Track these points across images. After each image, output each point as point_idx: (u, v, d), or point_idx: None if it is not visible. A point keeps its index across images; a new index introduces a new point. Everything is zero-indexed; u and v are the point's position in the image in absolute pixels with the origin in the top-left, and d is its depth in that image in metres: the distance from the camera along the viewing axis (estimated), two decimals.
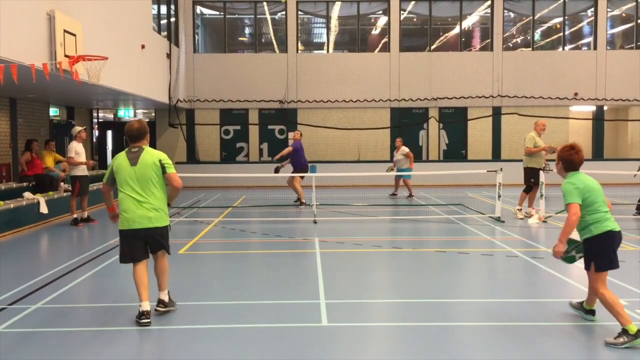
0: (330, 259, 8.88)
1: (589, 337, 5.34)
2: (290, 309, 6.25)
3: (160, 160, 5.76)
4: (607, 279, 5.30)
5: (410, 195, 17.34)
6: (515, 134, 22.50)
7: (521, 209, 12.85)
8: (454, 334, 5.49)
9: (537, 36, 24.71)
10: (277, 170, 15.53)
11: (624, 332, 4.94)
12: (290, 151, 15.29)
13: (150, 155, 5.76)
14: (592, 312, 5.62)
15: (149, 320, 5.59)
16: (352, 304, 6.48)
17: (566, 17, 23.69)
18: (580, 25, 24.71)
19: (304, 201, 15.03)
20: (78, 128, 12.74)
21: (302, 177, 15.20)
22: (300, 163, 15.26)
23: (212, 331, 5.54)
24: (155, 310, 5.84)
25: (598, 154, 23.32)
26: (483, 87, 22.88)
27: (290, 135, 22.64)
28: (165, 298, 5.95)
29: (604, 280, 5.21)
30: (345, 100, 22.86)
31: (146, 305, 5.63)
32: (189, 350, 5.06)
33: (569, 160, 5.31)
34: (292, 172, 15.24)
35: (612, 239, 5.17)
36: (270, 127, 23.28)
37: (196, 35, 23.43)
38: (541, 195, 12.39)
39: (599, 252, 5.18)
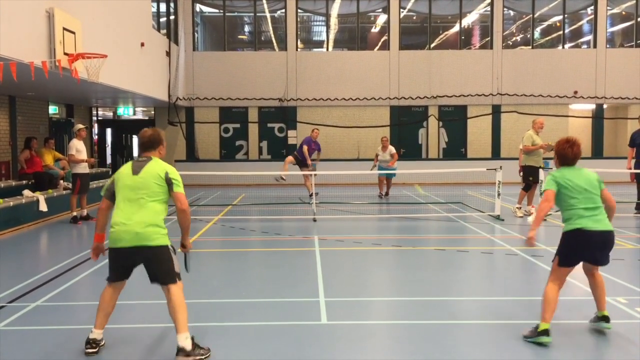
0: (330, 257, 8.88)
1: (587, 336, 5.34)
2: (289, 307, 6.25)
3: (167, 173, 4.86)
4: (607, 275, 5.30)
5: (384, 195, 16.70)
6: (515, 132, 22.48)
7: (520, 207, 12.86)
8: (453, 332, 5.49)
9: (536, 34, 24.70)
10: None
11: (535, 327, 5.09)
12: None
13: (158, 166, 4.91)
14: (605, 319, 5.33)
15: (94, 350, 4.86)
16: (352, 302, 6.49)
17: (566, 15, 23.68)
18: (580, 23, 24.69)
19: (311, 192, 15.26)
20: (80, 125, 12.75)
21: (309, 172, 15.37)
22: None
23: (211, 329, 5.54)
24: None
25: (597, 152, 23.32)
26: (483, 85, 22.88)
27: (294, 133, 22.71)
28: (187, 345, 4.69)
29: (560, 276, 5.18)
30: (344, 99, 22.86)
31: (97, 334, 4.92)
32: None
33: (562, 154, 5.25)
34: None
35: (579, 237, 5.05)
36: (269, 125, 23.27)
37: (196, 33, 23.41)
38: (540, 194, 12.38)
39: (563, 248, 5.16)
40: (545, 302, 5.10)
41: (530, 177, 12.59)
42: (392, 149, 16.50)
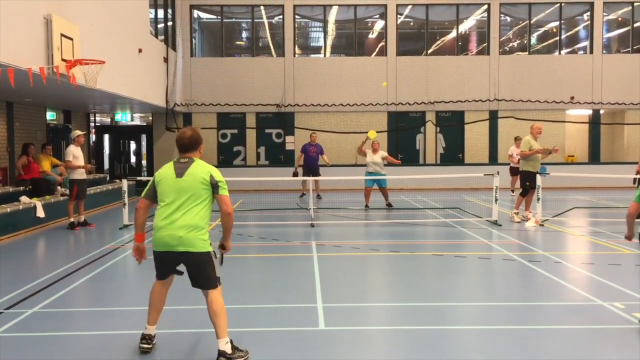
0: (328, 262, 8.88)
1: (586, 340, 5.34)
2: (287, 313, 6.25)
3: (211, 176, 4.80)
4: (603, 280, 5.28)
5: (385, 205, 15.45)
6: (512, 138, 22.51)
7: (518, 213, 12.88)
8: (451, 338, 5.49)
9: (533, 40, 24.80)
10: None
11: None
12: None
13: (202, 168, 4.84)
14: None
15: (149, 346, 5.02)
16: (350, 307, 6.49)
17: (562, 21, 23.77)
18: (576, 29, 24.79)
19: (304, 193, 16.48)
20: (77, 132, 12.74)
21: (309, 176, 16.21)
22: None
23: (209, 335, 5.52)
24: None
25: (594, 158, 23.38)
26: (480, 91, 22.93)
27: (292, 139, 22.73)
28: (227, 349, 4.76)
29: None
30: (342, 104, 22.89)
31: (151, 330, 5.08)
32: (186, 354, 5.04)
33: None
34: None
35: None
36: (267, 130, 23.28)
37: (193, 39, 23.45)
38: (538, 199, 12.41)
39: None
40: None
41: (527, 182, 12.61)
42: (383, 152, 15.47)
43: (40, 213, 12.41)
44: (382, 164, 15.17)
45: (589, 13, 23.34)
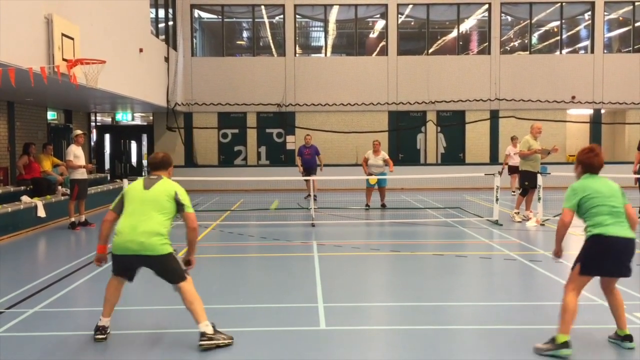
0: (328, 262, 8.88)
1: (586, 341, 5.33)
2: (288, 313, 6.25)
3: (176, 193, 5.22)
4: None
5: (381, 206, 15.47)
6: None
7: (518, 212, 12.87)
8: (452, 338, 5.49)
9: (534, 40, 24.77)
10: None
11: (552, 340, 4.89)
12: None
13: (169, 185, 5.27)
14: (628, 338, 5.07)
15: (103, 336, 5.24)
16: (350, 307, 6.48)
17: (563, 21, 23.75)
18: (577, 28, 24.77)
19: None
20: (77, 131, 12.76)
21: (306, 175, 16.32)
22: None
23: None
24: (199, 345, 5.08)
25: None
26: (481, 90, 22.91)
27: (292, 139, 22.71)
28: (208, 330, 5.10)
29: (579, 284, 4.99)
30: (343, 104, 22.88)
31: (105, 322, 5.31)
32: (187, 353, 5.04)
33: (588, 163, 5.08)
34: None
35: (603, 243, 4.88)
36: (268, 130, 23.28)
37: (194, 39, 23.45)
38: (539, 199, 12.40)
39: (586, 255, 4.97)
40: (566, 312, 4.88)
41: (526, 182, 12.60)
42: (384, 154, 15.53)
43: (41, 213, 12.41)
44: (383, 165, 15.22)
45: (590, 12, 23.32)
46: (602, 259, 4.91)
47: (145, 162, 24.82)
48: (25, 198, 12.52)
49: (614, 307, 5.14)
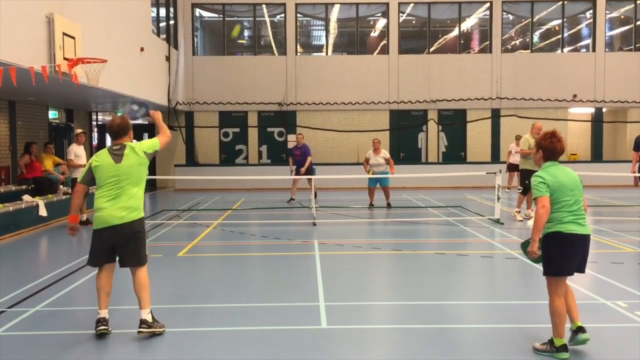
0: (330, 261, 8.87)
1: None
2: (289, 312, 6.25)
3: (144, 152, 5.49)
4: (606, 279, 5.27)
5: (371, 204, 15.31)
6: (514, 136, 22.50)
7: (520, 211, 12.86)
8: (453, 336, 5.48)
9: (535, 38, 24.74)
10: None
11: (550, 342, 4.86)
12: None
13: (134, 151, 5.45)
14: (580, 330, 4.92)
15: (105, 327, 5.36)
16: (352, 306, 6.48)
17: (565, 19, 23.73)
18: (579, 27, 24.74)
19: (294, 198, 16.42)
20: (78, 130, 12.77)
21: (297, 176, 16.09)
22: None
23: (212, 334, 5.54)
24: (138, 332, 5.32)
25: (597, 156, 23.34)
26: (482, 89, 22.90)
27: (293, 138, 22.63)
28: (148, 318, 5.36)
29: (556, 285, 4.82)
30: (344, 103, 22.88)
31: (104, 313, 5.43)
32: (189, 352, 5.05)
33: (551, 148, 4.86)
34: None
35: (563, 240, 4.73)
36: (269, 129, 23.29)
37: (195, 38, 23.45)
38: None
39: (548, 255, 4.82)
40: (554, 316, 4.81)
41: (526, 181, 12.60)
42: (385, 152, 15.25)
43: (43, 212, 12.42)
44: (385, 164, 15.02)
45: (591, 11, 23.30)
46: (564, 256, 4.78)
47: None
48: (26, 197, 12.53)
49: (566, 299, 4.91)
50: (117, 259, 5.51)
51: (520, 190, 12.78)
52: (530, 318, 6.00)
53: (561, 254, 4.78)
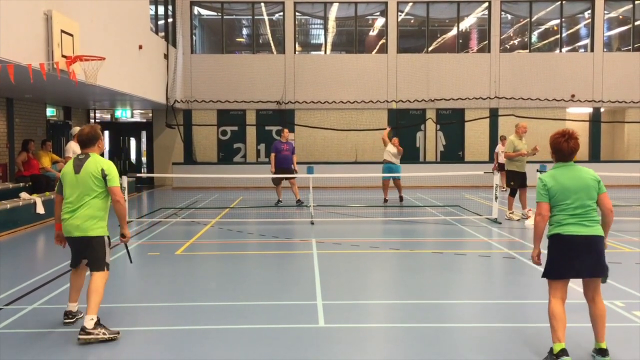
0: (327, 260, 8.88)
1: (586, 338, 5.34)
2: (287, 310, 6.25)
3: (102, 170, 5.38)
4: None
5: (385, 200, 16.02)
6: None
7: (513, 212, 12.84)
8: (450, 335, 5.49)
9: (534, 38, 24.77)
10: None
11: (550, 351, 4.69)
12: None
13: (94, 164, 5.40)
14: (601, 352, 4.72)
15: (71, 320, 5.62)
16: (349, 305, 6.48)
17: (563, 19, 23.75)
18: (577, 27, 24.77)
19: (281, 200, 15.83)
20: (77, 128, 12.75)
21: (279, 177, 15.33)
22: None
23: (209, 332, 5.53)
24: (78, 339, 5.17)
25: (595, 156, 23.37)
26: (480, 88, 22.91)
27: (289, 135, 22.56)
28: (89, 325, 5.15)
29: (555, 290, 4.74)
30: (342, 102, 22.87)
31: (72, 307, 5.69)
32: (186, 350, 5.05)
33: (557, 148, 4.79)
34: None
35: (562, 242, 4.69)
36: (267, 128, 23.27)
37: (194, 36, 23.42)
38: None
39: (548, 257, 4.79)
40: (552, 319, 4.66)
41: (512, 182, 12.64)
42: (401, 150, 16.10)
43: (40, 209, 12.41)
44: (398, 157, 15.77)
45: (590, 11, 23.32)
46: (562, 260, 4.70)
47: (144, 159, 24.83)
48: (24, 195, 12.51)
49: (593, 318, 4.80)
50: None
51: (505, 191, 12.79)
52: (527, 317, 6.00)
53: (560, 256, 4.72)
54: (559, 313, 4.67)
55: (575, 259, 4.68)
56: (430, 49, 23.58)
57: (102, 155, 5.68)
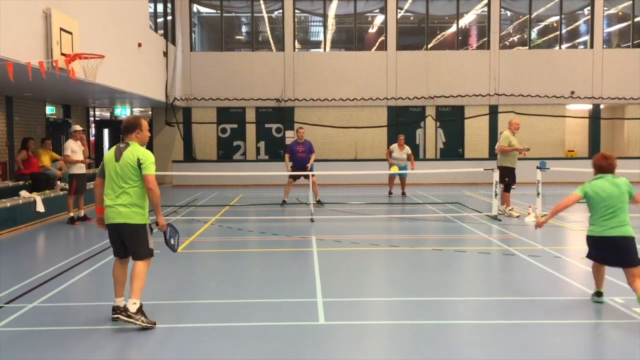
0: (328, 257, 8.88)
1: (586, 335, 5.35)
2: (287, 308, 6.26)
3: (138, 159, 5.49)
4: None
5: (401, 194, 17.19)
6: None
7: (512, 208, 12.83)
8: (450, 332, 5.50)
9: (533, 35, 24.74)
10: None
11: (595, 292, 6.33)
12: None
13: (132, 153, 5.53)
14: (597, 294, 6.31)
15: (116, 315, 5.57)
16: (349, 302, 6.49)
17: (563, 16, 23.72)
18: (576, 23, 24.74)
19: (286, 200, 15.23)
20: (77, 127, 12.75)
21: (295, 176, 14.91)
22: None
23: (209, 329, 5.54)
24: (113, 318, 5.54)
25: (594, 152, 23.09)
26: (480, 85, 22.89)
27: (291, 134, 22.51)
28: (132, 308, 5.41)
29: (594, 265, 6.25)
30: (342, 99, 22.86)
31: (119, 302, 5.66)
32: (186, 348, 5.06)
33: (597, 165, 6.21)
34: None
35: (594, 242, 6.06)
36: (267, 125, 23.26)
37: (193, 34, 23.40)
38: (537, 194, 12.41)
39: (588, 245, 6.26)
40: (593, 273, 6.31)
41: (506, 178, 12.64)
42: (408, 149, 17.08)
43: (40, 208, 12.41)
44: (406, 159, 16.98)
45: (589, 7, 23.29)
46: (593, 252, 6.14)
47: None
48: (24, 193, 12.51)
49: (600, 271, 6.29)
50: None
51: (500, 187, 12.74)
52: (527, 314, 6.01)
53: (591, 249, 6.15)
54: (597, 268, 6.24)
55: (606, 253, 6.06)
56: (429, 46, 23.55)
57: (143, 145, 5.69)
